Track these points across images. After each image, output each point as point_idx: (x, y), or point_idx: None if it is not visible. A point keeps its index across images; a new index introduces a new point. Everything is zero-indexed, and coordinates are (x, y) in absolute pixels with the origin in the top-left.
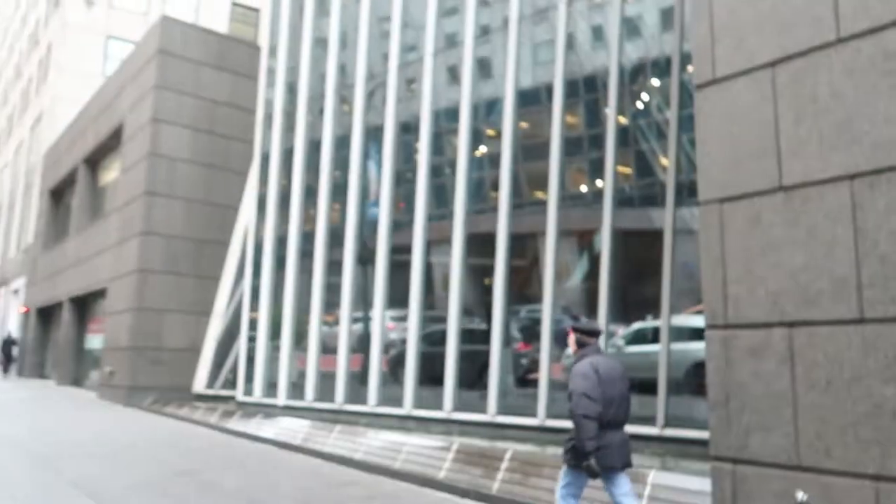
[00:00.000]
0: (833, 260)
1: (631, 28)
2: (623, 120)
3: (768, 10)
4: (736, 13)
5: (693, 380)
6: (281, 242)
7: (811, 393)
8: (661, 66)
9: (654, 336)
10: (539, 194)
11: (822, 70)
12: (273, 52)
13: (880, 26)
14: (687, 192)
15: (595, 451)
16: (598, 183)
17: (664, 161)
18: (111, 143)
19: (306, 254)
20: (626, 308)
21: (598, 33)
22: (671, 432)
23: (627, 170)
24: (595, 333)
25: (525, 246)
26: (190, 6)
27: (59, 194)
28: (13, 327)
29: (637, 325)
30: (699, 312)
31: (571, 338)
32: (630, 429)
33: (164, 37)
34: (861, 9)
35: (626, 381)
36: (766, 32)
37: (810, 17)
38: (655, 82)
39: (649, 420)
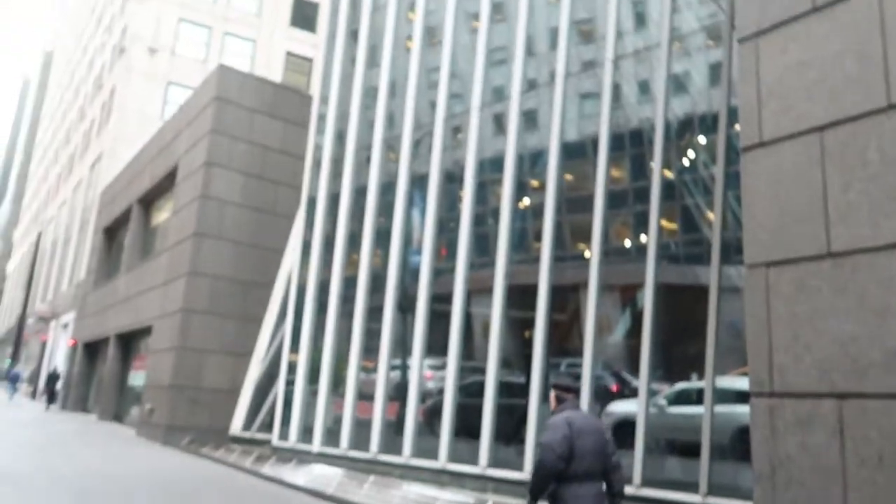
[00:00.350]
0: (885, 330)
1: (677, 84)
2: (668, 174)
3: (817, 76)
4: (783, 78)
5: (738, 445)
6: (323, 287)
7: (862, 470)
8: (708, 122)
9: (698, 397)
10: (582, 247)
11: (873, 135)
12: (324, 100)
13: None
14: (733, 249)
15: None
16: (643, 237)
17: (710, 216)
18: (165, 185)
19: (348, 299)
20: (669, 366)
21: (644, 88)
22: (714, 501)
23: (672, 225)
24: (571, 390)
25: (567, 299)
26: (246, 55)
27: (112, 232)
28: (60, 360)
29: (680, 385)
30: (745, 374)
31: (552, 395)
32: (671, 495)
33: (220, 84)
34: None
35: (601, 434)
36: (815, 97)
37: (861, 83)
38: (702, 138)
39: (691, 487)
